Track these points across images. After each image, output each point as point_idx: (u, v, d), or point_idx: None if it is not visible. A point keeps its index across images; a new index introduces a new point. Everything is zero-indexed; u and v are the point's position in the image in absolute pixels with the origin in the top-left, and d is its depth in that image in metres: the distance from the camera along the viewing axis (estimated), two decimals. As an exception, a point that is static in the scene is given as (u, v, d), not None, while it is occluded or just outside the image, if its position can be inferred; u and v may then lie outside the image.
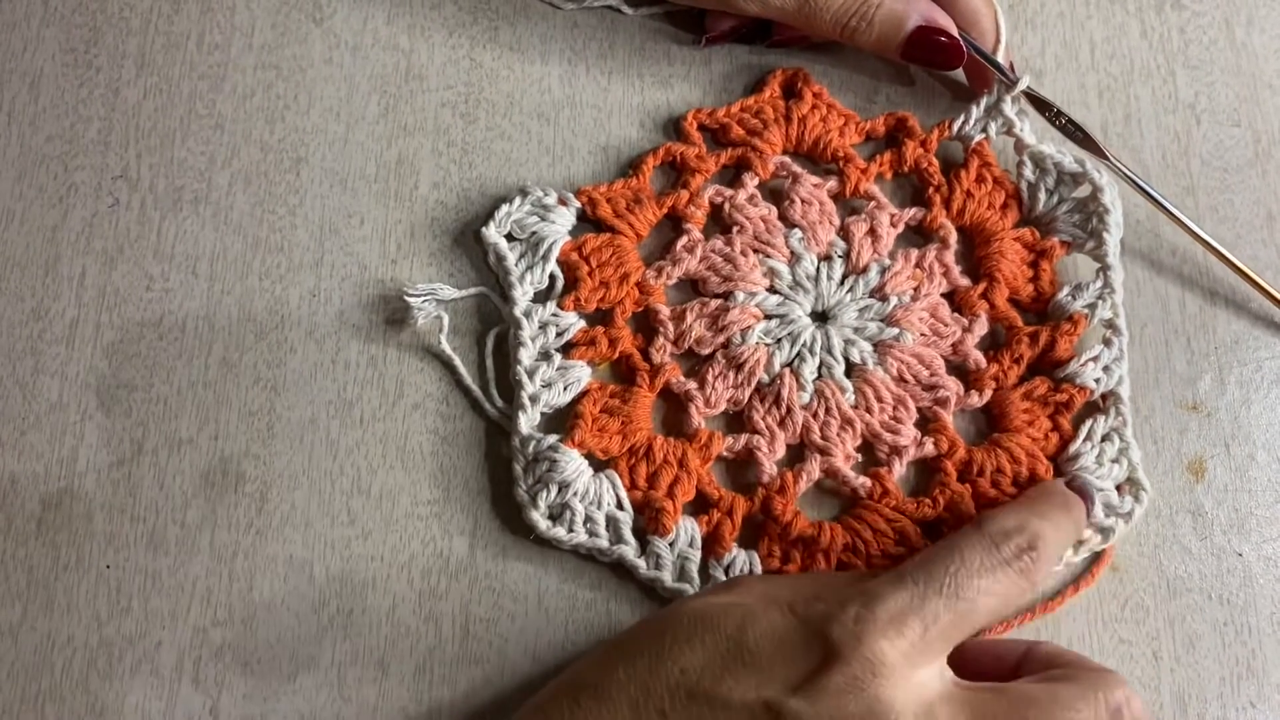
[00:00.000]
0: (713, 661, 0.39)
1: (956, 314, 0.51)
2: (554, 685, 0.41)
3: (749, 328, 0.50)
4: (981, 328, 0.51)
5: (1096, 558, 0.49)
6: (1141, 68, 0.57)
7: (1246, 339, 0.53)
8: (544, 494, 0.47)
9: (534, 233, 0.51)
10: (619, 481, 0.48)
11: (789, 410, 0.49)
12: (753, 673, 0.38)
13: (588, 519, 0.47)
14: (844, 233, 0.52)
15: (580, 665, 0.42)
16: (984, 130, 0.54)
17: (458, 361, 0.50)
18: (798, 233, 0.52)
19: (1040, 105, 0.54)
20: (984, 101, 0.54)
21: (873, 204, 0.53)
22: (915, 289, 0.51)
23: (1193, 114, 0.57)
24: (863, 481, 0.48)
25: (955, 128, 0.54)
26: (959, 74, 0.56)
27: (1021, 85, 0.53)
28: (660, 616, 0.42)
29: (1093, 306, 0.51)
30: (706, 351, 0.50)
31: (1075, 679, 0.41)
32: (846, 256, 0.52)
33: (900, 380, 0.50)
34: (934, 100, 0.56)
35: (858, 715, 0.37)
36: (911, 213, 0.53)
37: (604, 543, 0.47)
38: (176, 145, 0.53)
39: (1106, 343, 0.51)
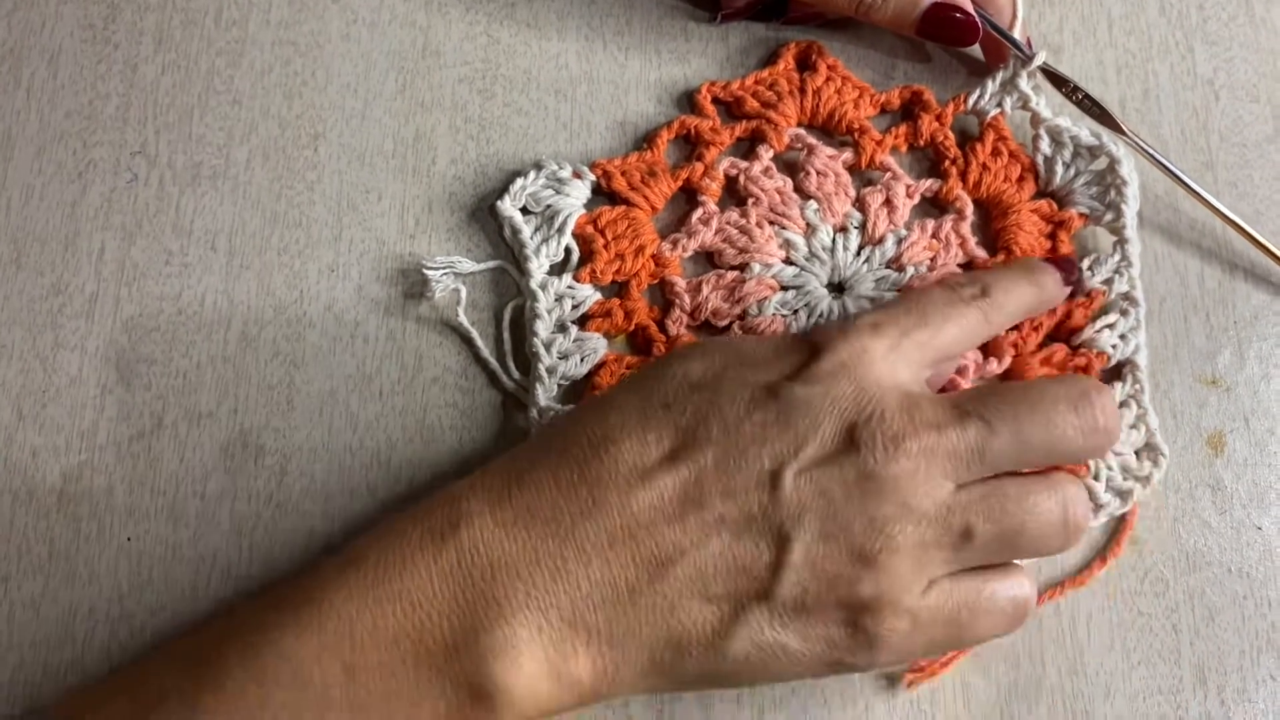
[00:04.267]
0: (712, 365, 0.42)
1: (973, 284, 0.51)
2: (565, 419, 0.44)
3: (765, 299, 0.50)
4: (999, 297, 0.51)
5: (1119, 528, 0.49)
6: (1160, 43, 0.57)
7: (1266, 313, 0.53)
8: (561, 465, 0.47)
9: (549, 206, 0.51)
10: (636, 453, 0.48)
11: (806, 381, 0.49)
12: (749, 368, 0.42)
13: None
14: (860, 204, 0.52)
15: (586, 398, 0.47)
16: (999, 105, 0.54)
17: (475, 335, 0.50)
18: (813, 204, 0.52)
19: (1057, 81, 0.54)
20: (1000, 76, 0.54)
21: (888, 175, 0.53)
22: (932, 260, 0.51)
23: (1211, 89, 0.56)
24: (880, 450, 0.48)
25: (971, 102, 0.54)
26: (975, 50, 0.56)
27: (1038, 61, 0.53)
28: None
29: (1110, 281, 0.51)
30: (723, 323, 0.50)
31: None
32: (862, 228, 0.52)
33: (918, 350, 0.50)
34: (950, 76, 0.56)
35: (848, 393, 0.41)
36: (927, 184, 0.53)
37: (621, 514, 0.47)
38: (194, 121, 0.53)
39: (1123, 312, 0.51)
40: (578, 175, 0.52)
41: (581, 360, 0.49)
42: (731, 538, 0.39)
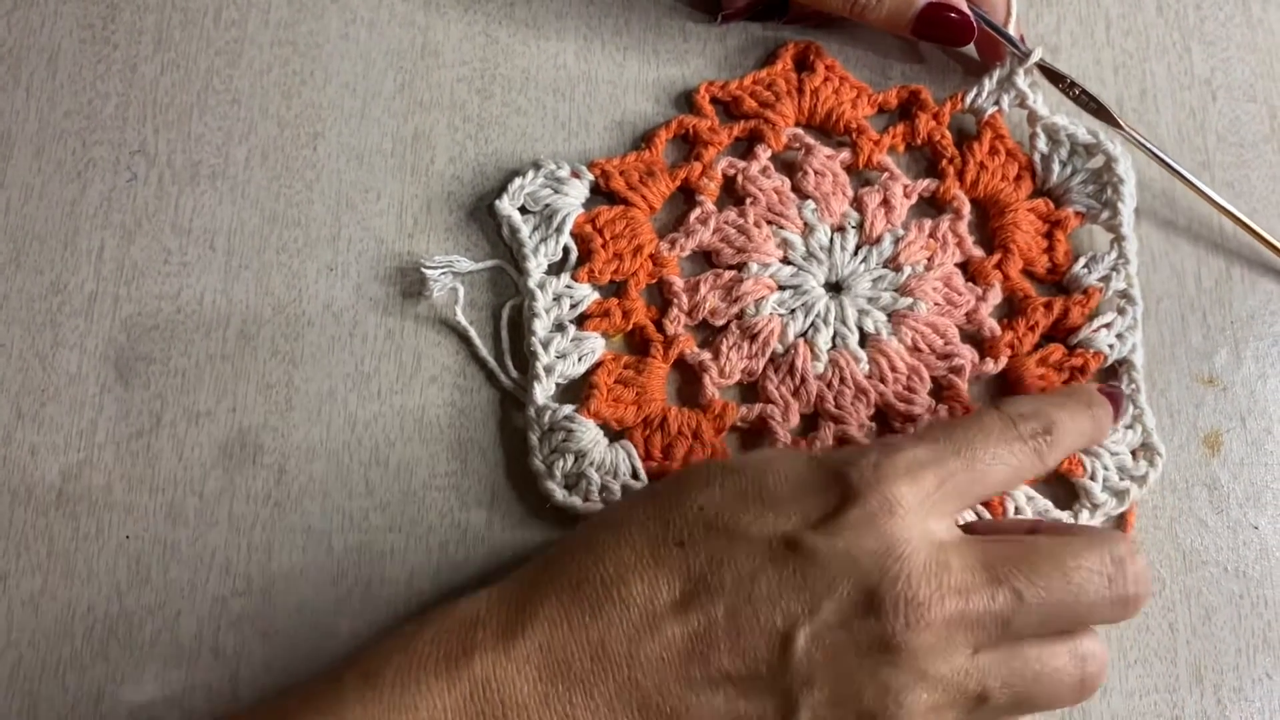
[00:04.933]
0: (732, 499, 0.40)
1: (970, 283, 0.52)
2: (576, 527, 0.43)
3: (763, 298, 0.50)
4: (996, 296, 0.51)
5: (1118, 526, 0.49)
6: (1157, 43, 0.57)
7: (1263, 313, 0.53)
8: (560, 463, 0.47)
9: (547, 205, 0.51)
10: (634, 451, 0.48)
11: (803, 380, 0.49)
12: (771, 510, 0.40)
13: (604, 488, 0.47)
14: (857, 204, 0.52)
15: (600, 510, 0.46)
16: (997, 103, 0.54)
17: (473, 334, 0.50)
18: (811, 204, 0.52)
19: (1053, 77, 0.54)
20: (996, 74, 0.54)
21: (886, 175, 0.53)
22: (929, 259, 0.51)
23: (1209, 89, 0.56)
24: (877, 449, 0.48)
25: (968, 101, 0.54)
26: (971, 49, 0.56)
27: (1034, 58, 0.53)
28: (679, 471, 0.45)
29: (1107, 279, 0.51)
30: (720, 322, 0.50)
31: (1083, 533, 0.42)
32: (860, 227, 0.52)
33: (914, 350, 0.50)
34: (947, 76, 0.56)
35: (873, 550, 0.39)
36: (925, 184, 0.53)
37: (620, 512, 0.47)
38: (194, 120, 0.53)
39: (1120, 311, 0.51)
40: (576, 175, 0.52)
41: (579, 359, 0.49)
42: (737, 695, 0.38)
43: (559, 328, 0.50)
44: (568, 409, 0.48)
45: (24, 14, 0.54)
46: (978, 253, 0.52)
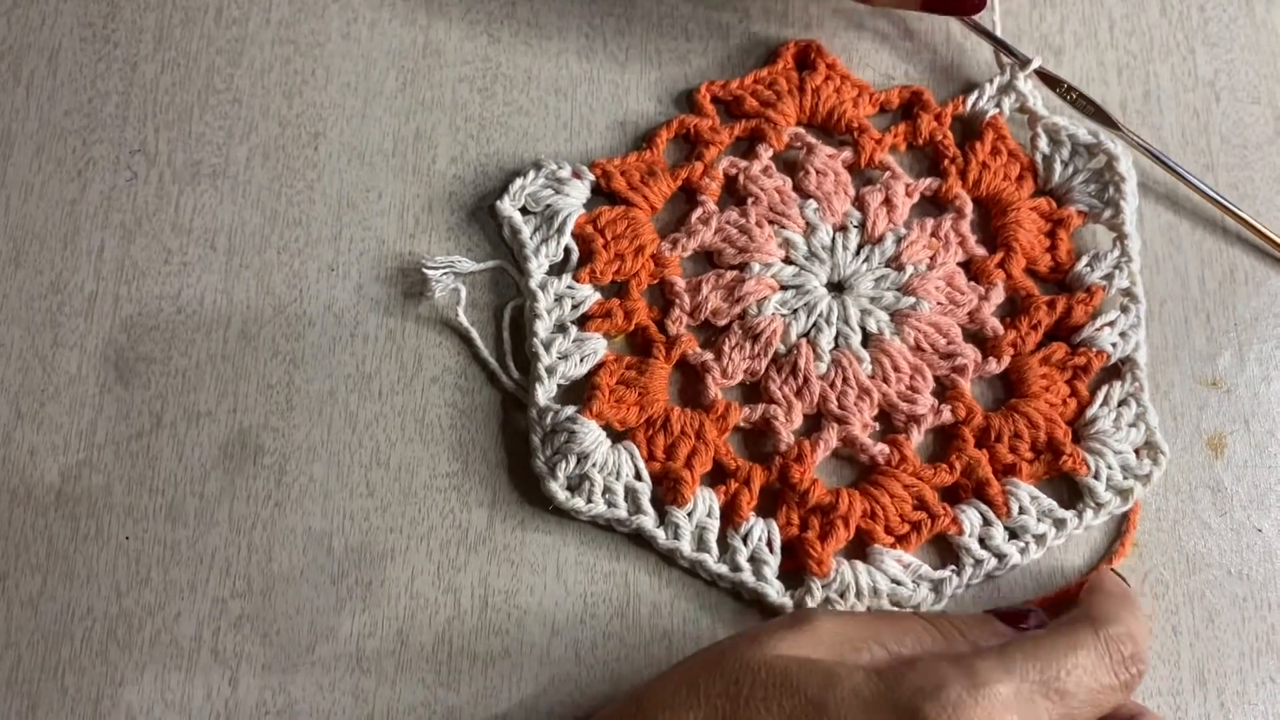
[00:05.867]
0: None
1: (973, 282, 0.51)
2: (620, 706, 0.40)
3: (765, 299, 0.50)
4: (998, 296, 0.51)
5: (1122, 530, 0.49)
6: (1161, 45, 0.57)
7: (1266, 316, 0.53)
8: (563, 465, 0.47)
9: (548, 206, 0.51)
10: (637, 452, 0.48)
11: (806, 380, 0.49)
12: None
13: (606, 490, 0.47)
14: (859, 203, 0.52)
15: (651, 689, 0.39)
16: (998, 106, 0.54)
17: (475, 334, 0.50)
18: (813, 203, 0.52)
19: (1052, 82, 0.54)
20: (997, 80, 0.54)
21: (888, 174, 0.53)
22: (931, 258, 0.51)
23: (1212, 91, 0.56)
24: (881, 449, 0.48)
25: (969, 104, 0.54)
26: (972, 48, 0.55)
27: (1034, 64, 0.53)
28: (735, 658, 0.39)
29: (1110, 277, 0.51)
30: (722, 323, 0.50)
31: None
32: (862, 226, 0.52)
33: (917, 349, 0.50)
34: (949, 77, 0.56)
35: None
36: (927, 183, 0.53)
37: (622, 513, 0.47)
38: (194, 120, 0.53)
39: (1124, 309, 0.51)
40: (577, 175, 0.52)
41: (581, 360, 0.49)
42: None
43: (561, 328, 0.49)
44: (570, 410, 0.48)
45: (24, 12, 0.54)
46: (980, 252, 0.52)
